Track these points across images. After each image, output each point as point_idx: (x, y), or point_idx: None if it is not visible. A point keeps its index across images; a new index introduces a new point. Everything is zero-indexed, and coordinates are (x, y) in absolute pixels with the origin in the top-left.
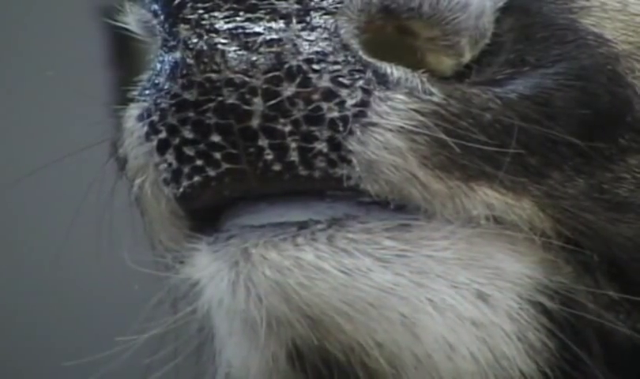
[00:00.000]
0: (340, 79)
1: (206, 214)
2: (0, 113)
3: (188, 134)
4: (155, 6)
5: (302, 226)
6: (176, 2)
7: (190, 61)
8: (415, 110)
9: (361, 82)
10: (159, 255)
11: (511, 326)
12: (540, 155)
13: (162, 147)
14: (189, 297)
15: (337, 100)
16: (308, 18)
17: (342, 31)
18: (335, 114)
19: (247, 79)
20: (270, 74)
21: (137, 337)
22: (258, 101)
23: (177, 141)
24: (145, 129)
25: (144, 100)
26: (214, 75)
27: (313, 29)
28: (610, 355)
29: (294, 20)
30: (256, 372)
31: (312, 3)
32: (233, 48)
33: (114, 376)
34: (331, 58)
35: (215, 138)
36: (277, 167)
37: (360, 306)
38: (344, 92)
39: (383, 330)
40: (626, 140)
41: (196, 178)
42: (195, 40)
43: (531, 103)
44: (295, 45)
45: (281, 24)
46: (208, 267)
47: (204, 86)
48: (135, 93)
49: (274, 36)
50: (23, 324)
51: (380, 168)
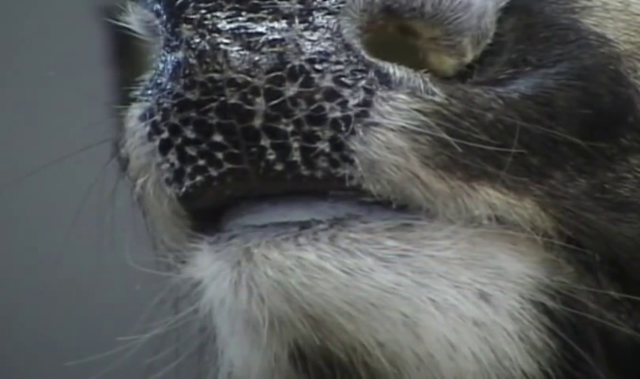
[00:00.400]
0: (342, 79)
1: (208, 214)
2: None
3: (190, 134)
4: (157, 6)
5: (304, 226)
6: (178, 2)
7: (193, 61)
8: (417, 109)
9: (363, 82)
10: (161, 255)
11: (513, 326)
12: (542, 155)
13: (164, 147)
14: (191, 297)
15: (340, 100)
16: (310, 18)
17: (344, 31)
18: (337, 114)
19: (250, 79)
20: (272, 74)
21: (139, 337)
22: (261, 101)
23: (179, 141)
24: (148, 129)
25: (146, 100)
26: (216, 75)
27: (315, 29)
28: (611, 355)
29: (296, 20)
30: (258, 372)
31: (314, 3)
32: (235, 48)
33: (115, 376)
34: (333, 58)
35: (217, 138)
36: (279, 167)
37: (362, 306)
38: (347, 92)
39: (385, 330)
40: (627, 139)
41: (198, 178)
42: (197, 40)
43: (533, 103)
44: (297, 45)
45: (284, 24)
46: (210, 267)
47: (206, 86)
48: (137, 93)
49: (276, 36)
50: (24, 324)
51: (382, 168)
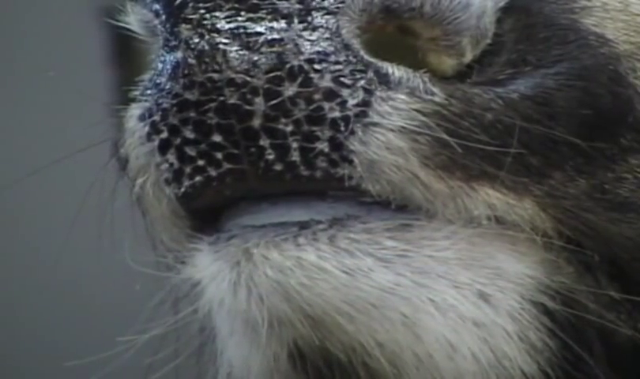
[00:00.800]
0: (341, 79)
1: (207, 214)
2: (0, 113)
3: (189, 134)
4: (156, 6)
5: (303, 226)
6: (177, 2)
7: (192, 61)
8: (416, 110)
9: (362, 82)
10: (160, 255)
11: (513, 326)
12: (542, 155)
13: (163, 147)
14: (190, 297)
15: (339, 100)
16: (310, 18)
17: (344, 31)
18: (336, 114)
19: (249, 79)
20: (272, 74)
21: (138, 337)
22: (260, 101)
23: (178, 141)
24: (147, 129)
25: (145, 100)
26: (215, 75)
27: (314, 29)
28: (611, 355)
29: (295, 20)
30: (257, 372)
31: (314, 3)
32: (234, 48)
33: (115, 376)
34: (332, 58)
35: (216, 138)
36: (279, 167)
37: (362, 306)
38: (346, 92)
39: (384, 330)
40: (627, 140)
41: (197, 178)
42: (197, 40)
43: (532, 103)
44: (296, 45)
45: (283, 24)
46: (209, 267)
47: (205, 86)
48: (136, 93)
49: (276, 36)
50: (24, 324)
51: (381, 168)
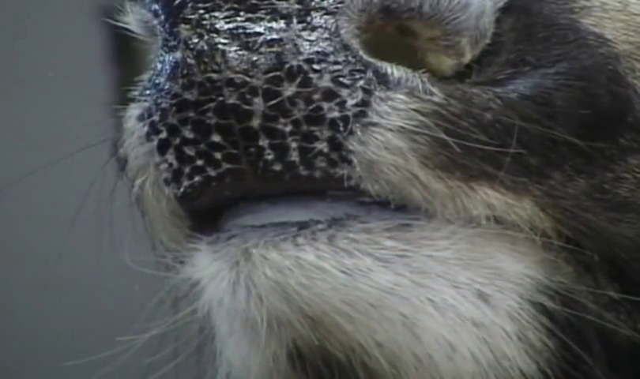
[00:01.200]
0: (340, 79)
1: (207, 214)
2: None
3: (188, 134)
4: (155, 6)
5: (302, 226)
6: (177, 2)
7: (191, 61)
8: (415, 110)
9: (362, 82)
10: (159, 255)
11: (512, 326)
12: (541, 155)
13: (162, 147)
14: (189, 297)
15: (338, 100)
16: (309, 18)
17: (343, 31)
18: (335, 114)
19: (248, 79)
20: (271, 74)
21: (138, 337)
22: (259, 101)
23: (177, 141)
24: (146, 129)
25: (144, 100)
26: (215, 75)
27: (313, 29)
28: (610, 355)
29: (294, 20)
30: (256, 372)
31: (313, 3)
32: (234, 48)
33: (115, 376)
34: (332, 58)
35: (215, 138)
36: (278, 167)
37: (361, 306)
38: (345, 92)
39: (384, 330)
40: (626, 140)
41: (196, 178)
42: (196, 40)
43: (531, 103)
44: (295, 45)
45: (282, 24)
46: (208, 267)
47: (204, 86)
48: (135, 93)
49: (275, 36)
50: (23, 324)
51: (380, 168)
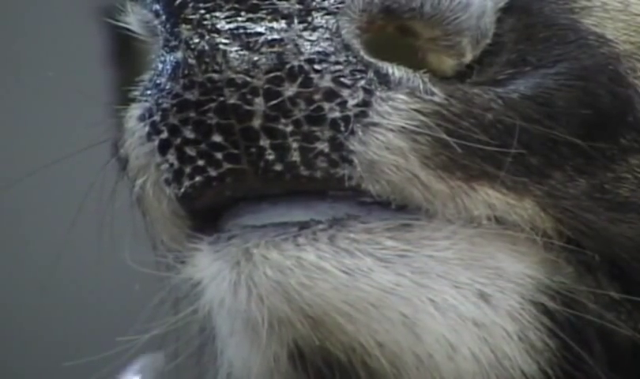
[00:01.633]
0: (341, 79)
1: (208, 214)
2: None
3: (189, 134)
4: (156, 6)
5: (303, 226)
6: (178, 2)
7: (192, 61)
8: (416, 110)
9: (362, 82)
10: (160, 255)
11: (513, 326)
12: (542, 155)
13: (163, 147)
14: (190, 297)
15: (339, 100)
16: (310, 18)
17: (344, 31)
18: (336, 114)
19: (249, 79)
20: (272, 74)
21: (138, 337)
22: (260, 101)
23: (178, 141)
24: (147, 129)
25: (145, 100)
26: (215, 75)
27: (314, 29)
28: (611, 355)
29: (295, 20)
30: (257, 372)
31: (314, 3)
32: (235, 48)
33: (114, 376)
34: (332, 58)
35: (216, 138)
36: (279, 167)
37: (361, 306)
38: (346, 92)
39: (384, 330)
40: (627, 140)
41: (197, 178)
42: (197, 40)
43: (532, 103)
44: (296, 45)
45: (283, 25)
46: (209, 267)
47: (205, 86)
48: (136, 93)
49: (276, 36)
50: (23, 324)
51: (381, 168)
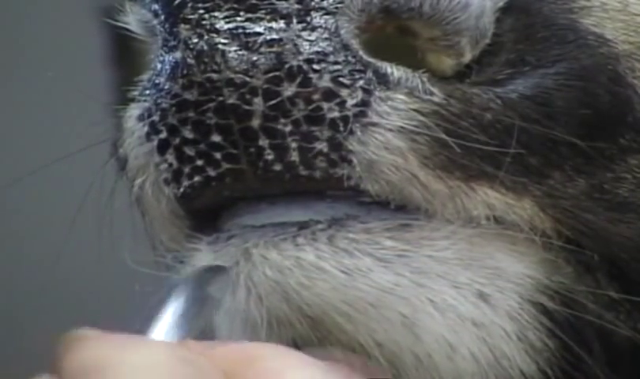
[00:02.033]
0: (340, 79)
1: (207, 214)
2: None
3: (188, 134)
4: (155, 6)
5: (302, 226)
6: (177, 2)
7: (191, 61)
8: (415, 110)
9: (361, 82)
10: (159, 255)
11: (512, 326)
12: (541, 155)
13: (162, 147)
14: None
15: (338, 100)
16: (309, 18)
17: (342, 31)
18: (335, 114)
19: (248, 79)
20: (271, 74)
21: None
22: (259, 101)
23: (177, 141)
24: (146, 129)
25: (144, 100)
26: (214, 75)
27: (313, 29)
28: (610, 355)
29: (294, 20)
30: None
31: (313, 3)
32: (233, 48)
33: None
34: (331, 58)
35: (215, 138)
36: (278, 167)
37: (361, 306)
38: (345, 92)
39: (383, 330)
40: (626, 140)
41: (196, 178)
42: (196, 40)
43: (531, 103)
44: (295, 45)
45: (282, 24)
46: None
47: (204, 86)
48: (135, 93)
49: (274, 36)
50: (23, 323)
51: (380, 168)
